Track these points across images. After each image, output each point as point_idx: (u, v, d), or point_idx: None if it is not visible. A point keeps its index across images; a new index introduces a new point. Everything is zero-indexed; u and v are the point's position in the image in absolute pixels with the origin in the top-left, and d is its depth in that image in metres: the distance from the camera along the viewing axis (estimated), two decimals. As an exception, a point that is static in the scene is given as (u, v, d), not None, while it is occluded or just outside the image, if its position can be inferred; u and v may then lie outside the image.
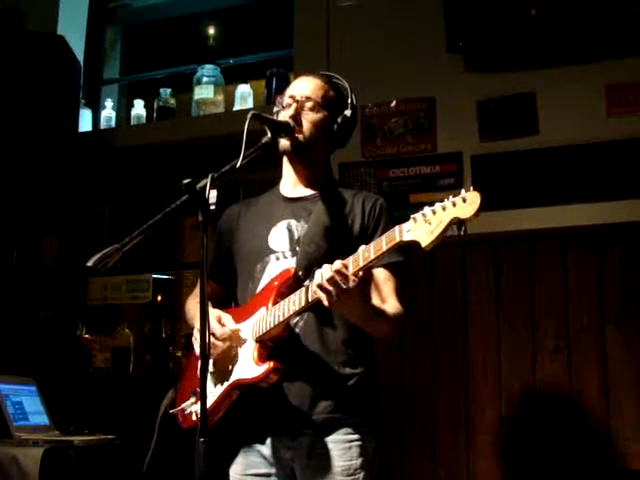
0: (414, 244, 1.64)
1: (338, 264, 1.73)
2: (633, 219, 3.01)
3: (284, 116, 2.04)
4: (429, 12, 3.47)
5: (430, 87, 3.45)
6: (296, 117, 2.04)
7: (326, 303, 1.75)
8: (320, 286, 1.73)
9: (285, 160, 2.15)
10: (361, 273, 1.74)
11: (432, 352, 3.21)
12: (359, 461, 1.91)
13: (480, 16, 3.27)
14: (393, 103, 3.52)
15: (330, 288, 1.72)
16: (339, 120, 2.09)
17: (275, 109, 2.13)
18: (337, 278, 1.71)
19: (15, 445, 2.93)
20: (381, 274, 1.99)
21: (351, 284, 1.71)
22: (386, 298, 1.98)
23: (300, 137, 2.04)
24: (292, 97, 2.08)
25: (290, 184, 2.15)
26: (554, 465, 2.95)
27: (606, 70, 3.15)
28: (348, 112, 2.10)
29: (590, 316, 3.01)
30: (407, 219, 1.67)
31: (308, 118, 2.05)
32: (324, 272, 1.73)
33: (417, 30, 3.52)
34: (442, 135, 3.42)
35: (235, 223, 2.19)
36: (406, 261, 2.03)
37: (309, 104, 2.06)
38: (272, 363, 1.86)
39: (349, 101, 2.11)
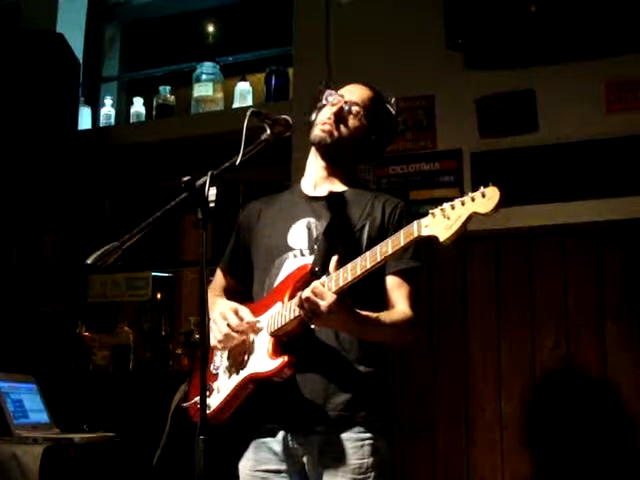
0: (432, 239, 1.64)
1: (315, 284, 1.76)
2: (633, 216, 3.01)
3: (329, 110, 2.08)
4: (428, 9, 3.46)
5: (430, 84, 3.45)
6: (338, 115, 2.07)
7: (305, 319, 1.79)
8: (299, 305, 1.78)
9: (311, 155, 2.16)
10: (341, 284, 1.75)
11: (432, 349, 3.21)
12: (371, 460, 1.90)
13: (479, 13, 3.27)
14: (393, 100, 3.51)
15: (306, 306, 1.75)
16: (375, 137, 2.13)
17: (318, 104, 2.14)
18: (313, 297, 1.74)
19: (15, 443, 2.93)
20: (393, 281, 1.99)
21: (328, 300, 1.73)
22: (395, 304, 1.98)
23: (335, 134, 2.06)
24: (342, 96, 2.11)
25: (312, 182, 2.15)
26: (555, 461, 2.95)
27: (605, 67, 3.15)
28: (389, 137, 2.21)
29: (590, 313, 3.02)
30: (425, 214, 1.67)
31: (350, 121, 2.08)
32: (304, 292, 1.76)
33: (416, 27, 3.52)
34: (442, 132, 3.42)
35: (255, 220, 2.18)
36: (421, 267, 2.02)
37: (355, 108, 2.09)
38: (286, 357, 1.85)
39: (390, 126, 2.18)
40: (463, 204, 1.60)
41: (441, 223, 1.62)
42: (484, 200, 1.58)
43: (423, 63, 3.46)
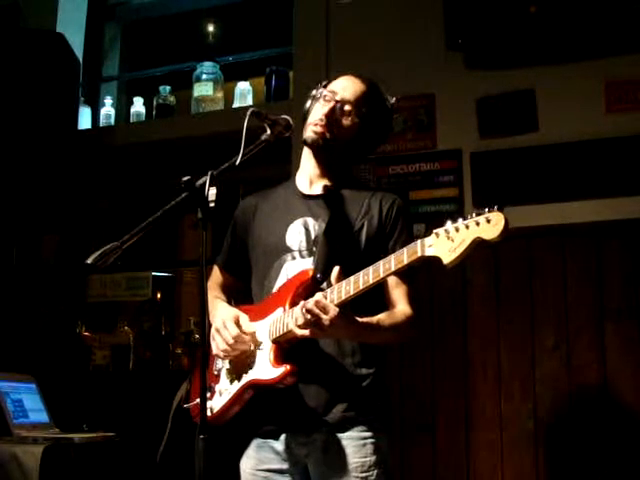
0: (435, 260, 1.63)
1: (318, 297, 1.75)
2: (632, 216, 3.01)
3: (320, 109, 2.05)
4: (428, 10, 3.47)
5: (430, 84, 3.45)
6: (330, 116, 2.04)
7: (306, 333, 1.78)
8: (303, 322, 1.77)
9: (305, 153, 2.14)
10: (343, 298, 1.75)
11: (432, 350, 3.21)
12: (373, 458, 1.91)
13: (479, 13, 3.27)
14: (393, 100, 3.51)
15: (309, 318, 1.75)
16: (369, 133, 2.10)
17: (313, 92, 2.12)
18: (316, 310, 1.74)
19: (15, 443, 2.93)
20: (393, 280, 1.98)
21: (331, 314, 1.73)
22: (395, 303, 1.98)
23: (328, 136, 2.04)
24: (333, 92, 2.07)
25: (307, 179, 2.13)
26: (554, 461, 2.95)
27: (605, 67, 3.15)
28: (384, 132, 2.18)
29: (589, 313, 3.02)
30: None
31: (342, 121, 2.05)
32: (307, 303, 1.76)
33: (416, 27, 3.52)
34: (442, 132, 3.42)
35: (251, 216, 2.17)
36: (420, 266, 2.02)
37: (347, 108, 2.06)
38: (289, 366, 1.85)
39: (385, 120, 2.16)
40: (467, 227, 1.59)
41: (445, 245, 1.60)
42: (489, 226, 1.57)
43: (423, 63, 3.46)
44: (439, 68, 3.43)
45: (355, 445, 1.91)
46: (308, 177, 2.13)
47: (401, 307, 1.97)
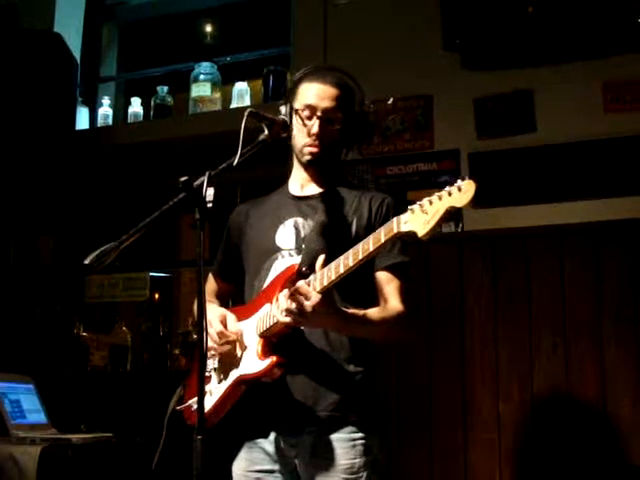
0: (412, 234, 1.64)
1: (300, 283, 1.76)
2: (630, 216, 3.01)
3: (307, 129, 2.03)
4: (426, 10, 3.47)
5: (427, 85, 3.45)
6: (321, 133, 2.03)
7: (289, 320, 1.79)
8: (286, 309, 1.77)
9: (296, 161, 2.14)
10: (325, 283, 1.75)
11: (429, 350, 3.21)
12: (362, 460, 1.90)
13: (477, 14, 3.27)
14: (390, 101, 3.52)
15: (292, 307, 1.75)
16: (353, 132, 2.10)
17: (283, 110, 2.06)
18: (297, 296, 1.74)
19: (13, 443, 2.93)
20: (383, 276, 1.99)
21: (313, 300, 1.73)
22: (387, 299, 1.98)
23: (323, 152, 2.05)
24: (313, 108, 2.04)
25: (299, 183, 2.15)
26: (551, 462, 2.95)
27: (603, 67, 3.16)
28: (368, 132, 2.22)
29: (587, 313, 3.02)
30: (405, 210, 1.68)
31: (330, 132, 2.04)
32: (288, 291, 1.77)
33: (414, 28, 3.52)
34: (439, 132, 3.42)
35: (244, 222, 2.19)
36: (410, 261, 2.02)
37: (330, 116, 2.04)
38: (275, 357, 1.86)
39: (365, 117, 2.14)
40: (440, 199, 1.62)
41: (420, 218, 1.63)
42: (460, 194, 1.60)
43: (421, 63, 3.46)
44: (436, 69, 3.43)
45: (344, 447, 1.90)
46: (300, 180, 2.15)
47: (392, 303, 1.97)
